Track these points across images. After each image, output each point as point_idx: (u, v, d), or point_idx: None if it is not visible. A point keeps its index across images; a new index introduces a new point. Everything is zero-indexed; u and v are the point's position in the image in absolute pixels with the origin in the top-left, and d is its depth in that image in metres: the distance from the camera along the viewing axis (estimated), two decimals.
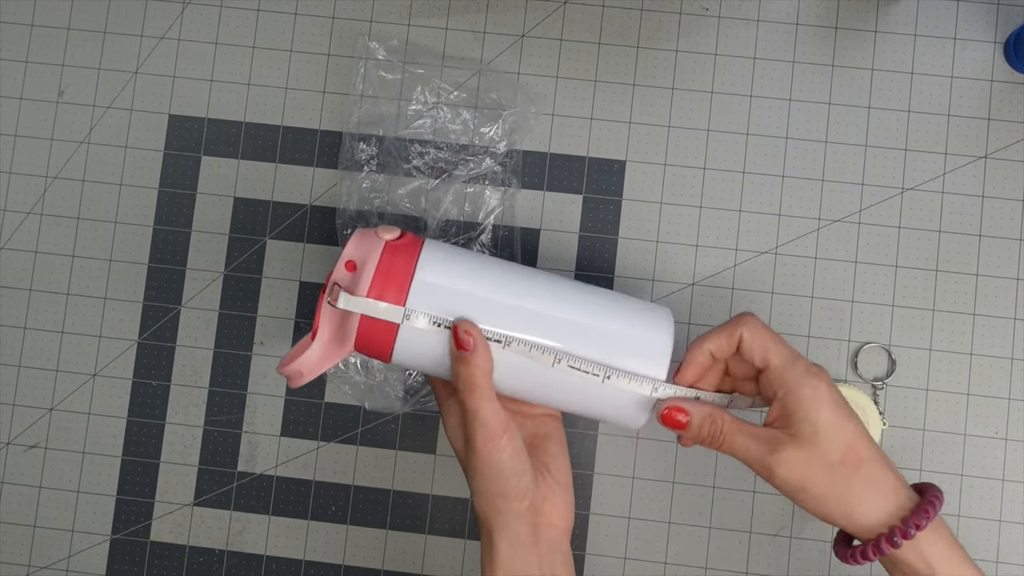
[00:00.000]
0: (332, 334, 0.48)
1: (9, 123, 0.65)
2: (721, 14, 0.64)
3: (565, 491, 0.49)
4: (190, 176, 0.65)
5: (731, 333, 0.47)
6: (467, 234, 0.63)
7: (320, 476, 0.63)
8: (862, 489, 0.45)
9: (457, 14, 0.65)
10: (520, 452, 0.47)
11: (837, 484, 0.45)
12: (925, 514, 0.44)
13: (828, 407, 0.45)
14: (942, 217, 0.62)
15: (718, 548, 0.61)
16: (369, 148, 0.63)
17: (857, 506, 0.45)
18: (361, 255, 0.48)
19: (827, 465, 0.45)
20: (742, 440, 0.46)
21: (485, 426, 0.46)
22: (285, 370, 0.49)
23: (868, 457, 0.45)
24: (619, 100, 0.64)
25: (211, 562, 0.63)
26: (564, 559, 0.48)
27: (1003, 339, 0.61)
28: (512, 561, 0.46)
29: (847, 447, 0.45)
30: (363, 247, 0.48)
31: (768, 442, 0.45)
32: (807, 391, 0.45)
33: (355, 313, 0.47)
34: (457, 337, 0.46)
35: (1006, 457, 0.61)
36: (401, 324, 0.47)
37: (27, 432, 0.64)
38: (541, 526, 0.48)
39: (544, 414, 0.52)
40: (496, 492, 0.47)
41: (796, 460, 0.45)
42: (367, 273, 0.47)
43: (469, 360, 0.46)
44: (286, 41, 0.65)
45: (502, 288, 0.49)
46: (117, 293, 0.64)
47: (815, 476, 0.45)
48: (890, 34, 0.63)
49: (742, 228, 0.63)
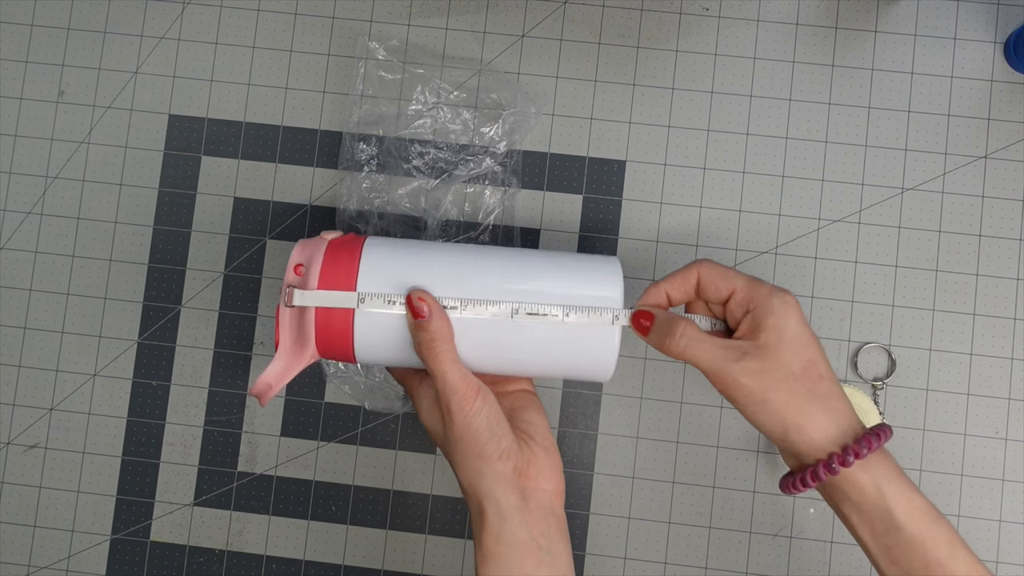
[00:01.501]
0: (293, 340, 0.49)
1: (9, 123, 0.65)
2: (721, 14, 0.64)
3: (550, 453, 0.49)
4: (190, 176, 0.65)
5: (687, 274, 0.49)
6: (467, 234, 0.63)
7: (320, 476, 0.63)
8: (820, 404, 0.45)
9: (457, 14, 0.65)
10: (497, 414, 0.47)
11: (796, 396, 0.45)
12: (877, 437, 0.45)
13: (796, 319, 0.46)
14: (942, 217, 0.62)
15: (718, 548, 0.61)
16: (369, 148, 0.63)
17: (813, 420, 0.45)
18: (307, 257, 0.49)
19: (790, 375, 0.45)
20: (708, 346, 0.46)
21: (456, 391, 0.46)
22: (253, 388, 0.49)
23: (827, 376, 0.46)
24: (619, 100, 0.64)
25: (211, 562, 0.63)
26: (559, 523, 0.47)
27: (1003, 339, 0.61)
28: (500, 528, 0.46)
29: (809, 361, 0.46)
30: (308, 250, 0.49)
31: (735, 349, 0.46)
32: (777, 302, 0.46)
33: (310, 313, 0.47)
34: (412, 306, 0.47)
35: (1006, 457, 0.61)
36: (356, 310, 0.47)
37: (27, 432, 0.64)
38: (529, 490, 0.47)
39: (519, 389, 0.52)
40: (477, 455, 0.46)
41: (760, 369, 0.45)
42: (314, 270, 0.48)
43: (427, 326, 0.46)
44: (286, 41, 0.65)
45: (450, 260, 0.49)
46: (117, 293, 0.64)
47: (777, 385, 0.45)
48: (890, 34, 0.63)
49: (742, 228, 0.63)
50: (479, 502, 0.47)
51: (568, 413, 0.62)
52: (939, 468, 0.61)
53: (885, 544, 0.45)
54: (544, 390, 0.62)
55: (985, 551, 0.60)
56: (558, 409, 0.62)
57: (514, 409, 0.51)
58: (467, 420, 0.46)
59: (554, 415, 0.62)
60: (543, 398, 0.62)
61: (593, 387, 0.62)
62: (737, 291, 0.48)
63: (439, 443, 0.49)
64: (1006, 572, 0.60)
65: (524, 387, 0.53)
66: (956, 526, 0.60)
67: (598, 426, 0.62)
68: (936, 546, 0.44)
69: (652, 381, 0.62)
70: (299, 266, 0.49)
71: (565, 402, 0.62)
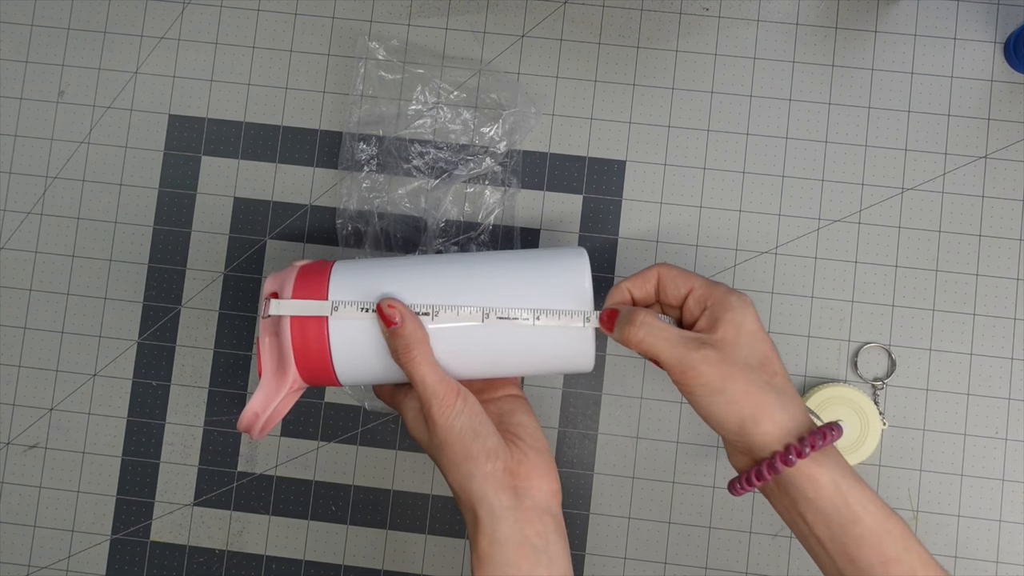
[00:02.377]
0: (275, 367, 0.49)
1: (9, 123, 0.65)
2: (721, 14, 0.64)
3: (541, 454, 0.48)
4: (190, 176, 0.65)
5: (647, 274, 0.50)
6: (467, 234, 0.63)
7: (320, 476, 0.63)
8: (776, 397, 0.46)
9: (457, 14, 0.65)
10: (479, 415, 0.47)
11: (754, 386, 0.45)
12: (832, 430, 0.45)
13: (752, 317, 0.47)
14: (942, 217, 0.62)
15: (718, 548, 0.61)
16: (369, 148, 0.63)
17: (769, 412, 0.45)
18: (279, 284, 0.50)
19: (747, 367, 0.46)
20: (668, 335, 0.46)
21: (436, 394, 0.47)
22: (240, 422, 0.49)
23: (781, 372, 0.47)
24: (619, 100, 0.64)
25: (211, 562, 0.63)
26: (555, 522, 0.47)
27: (1003, 339, 0.61)
28: (494, 527, 0.45)
29: (765, 356, 0.46)
30: (279, 278, 0.50)
31: (694, 340, 0.46)
32: (734, 299, 0.47)
33: (286, 333, 0.48)
34: (383, 314, 0.47)
35: (1006, 457, 0.61)
36: (330, 321, 0.48)
37: (27, 432, 0.64)
38: (522, 489, 0.46)
39: (505, 395, 0.52)
40: (464, 456, 0.46)
41: (718, 358, 0.45)
42: (287, 294, 0.49)
43: (400, 332, 0.47)
44: (286, 41, 0.65)
45: (418, 270, 0.50)
46: (117, 293, 0.64)
47: (735, 375, 0.45)
48: (890, 34, 0.63)
49: (742, 228, 0.63)
50: (471, 504, 0.46)
51: (568, 413, 0.62)
52: (939, 468, 0.61)
53: (841, 541, 0.44)
54: (544, 390, 0.62)
55: (985, 551, 0.60)
56: (558, 409, 0.62)
57: (502, 414, 0.50)
58: (449, 422, 0.46)
59: (554, 415, 0.62)
60: (543, 399, 0.62)
61: (593, 387, 0.62)
62: (695, 289, 0.48)
63: (427, 451, 0.49)
64: (1006, 572, 0.60)
65: (511, 392, 0.52)
66: (956, 526, 0.60)
67: (598, 426, 0.62)
68: (892, 541, 0.44)
69: (652, 381, 0.62)
70: (273, 294, 0.50)
71: (565, 402, 0.62)
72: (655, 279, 0.50)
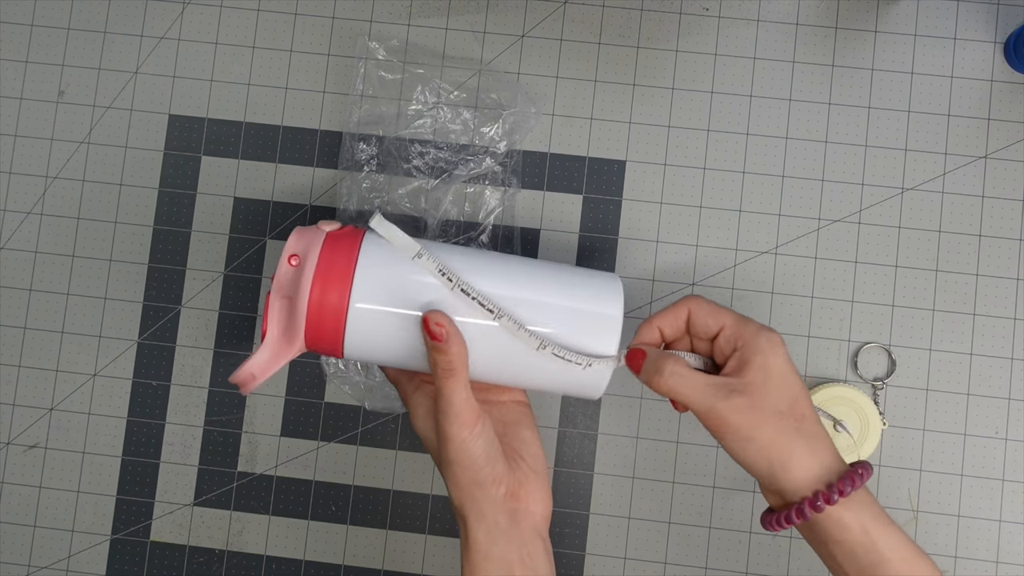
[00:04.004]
0: (281, 331, 0.48)
1: (9, 123, 0.65)
2: (721, 14, 0.64)
3: (540, 478, 0.49)
4: (190, 176, 0.65)
5: (678, 310, 0.49)
6: (467, 234, 0.63)
7: (320, 476, 0.63)
8: (805, 443, 0.46)
9: (457, 14, 0.65)
10: (493, 440, 0.47)
11: (783, 433, 0.46)
12: (859, 475, 0.45)
13: (782, 358, 0.47)
14: (942, 217, 0.62)
15: (718, 548, 0.61)
16: (369, 148, 0.63)
17: (798, 458, 0.45)
18: (303, 247, 0.47)
19: (776, 413, 0.46)
20: (696, 384, 0.46)
21: (459, 415, 0.46)
22: (236, 376, 0.48)
23: (810, 416, 0.47)
24: (619, 100, 0.64)
25: (211, 562, 0.63)
26: (545, 546, 0.48)
27: (1003, 339, 0.61)
28: (489, 547, 0.46)
29: (794, 400, 0.46)
30: (304, 240, 0.48)
31: (723, 387, 0.46)
32: (763, 341, 0.47)
33: (302, 303, 0.46)
34: (429, 330, 0.45)
35: (1006, 457, 0.61)
36: (350, 308, 0.46)
37: (27, 432, 0.64)
38: (519, 512, 0.47)
39: (511, 400, 0.52)
40: (472, 480, 0.46)
41: (747, 406, 0.45)
42: (310, 263, 0.46)
43: (446, 350, 0.45)
44: (286, 41, 0.65)
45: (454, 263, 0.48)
46: (117, 293, 0.64)
47: (764, 423, 0.45)
48: (890, 34, 0.63)
49: (742, 228, 0.63)
50: (467, 521, 0.47)
51: (568, 413, 0.62)
52: (939, 468, 0.61)
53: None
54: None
55: (985, 551, 0.60)
56: (558, 409, 0.62)
57: (507, 423, 0.50)
58: (464, 445, 0.46)
59: (554, 415, 0.62)
60: (543, 398, 0.62)
61: None
62: (726, 328, 0.48)
63: (430, 450, 0.49)
64: (1006, 572, 0.60)
65: (518, 398, 0.52)
66: (956, 526, 0.60)
67: (598, 426, 0.62)
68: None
69: None
70: (294, 256, 0.47)
71: (565, 402, 0.62)
72: (685, 315, 0.49)
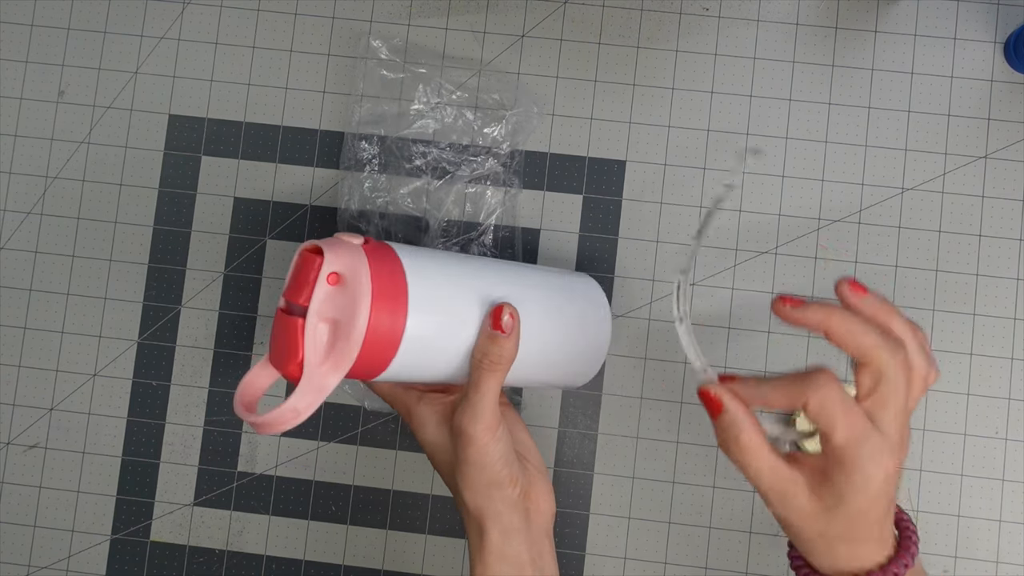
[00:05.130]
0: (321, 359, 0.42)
1: (9, 123, 0.65)
2: (721, 14, 0.64)
3: (544, 477, 0.50)
4: (190, 176, 0.65)
5: (798, 395, 0.41)
6: (467, 234, 0.63)
7: (320, 476, 0.63)
8: (872, 544, 0.42)
9: (457, 14, 0.65)
10: (510, 441, 0.48)
11: (831, 542, 0.41)
12: (903, 562, 0.42)
13: (867, 497, 0.40)
14: (942, 217, 0.62)
15: (718, 548, 0.61)
16: (371, 147, 0.63)
17: (844, 561, 0.42)
18: (346, 266, 0.43)
19: (850, 518, 0.41)
20: (770, 470, 0.41)
21: (485, 416, 0.46)
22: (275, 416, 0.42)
23: (887, 529, 0.42)
24: (619, 100, 0.64)
25: (211, 562, 0.63)
26: (551, 545, 0.49)
27: (1003, 339, 0.61)
28: (504, 547, 0.47)
29: (878, 517, 0.41)
30: (343, 257, 0.43)
31: (802, 485, 0.41)
32: (858, 478, 0.40)
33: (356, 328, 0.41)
34: (498, 320, 0.46)
35: (1006, 457, 0.61)
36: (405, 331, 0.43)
37: (27, 432, 0.64)
38: (531, 512, 0.48)
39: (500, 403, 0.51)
40: (491, 482, 0.47)
41: (806, 514, 0.41)
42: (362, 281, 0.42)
43: (504, 342, 0.45)
44: (286, 41, 0.65)
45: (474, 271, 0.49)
46: (117, 293, 0.64)
47: (815, 531, 0.41)
48: (890, 34, 0.63)
49: (742, 228, 0.63)
50: (482, 521, 0.47)
51: (568, 413, 0.62)
52: (939, 468, 0.61)
53: None
54: (545, 390, 0.62)
55: (985, 551, 0.60)
56: (558, 409, 0.62)
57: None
58: (487, 447, 0.46)
59: (554, 415, 0.62)
60: (543, 398, 0.62)
61: (593, 387, 0.62)
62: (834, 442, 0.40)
63: (439, 461, 0.49)
64: (1006, 572, 0.60)
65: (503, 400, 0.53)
66: (956, 526, 0.60)
67: (598, 426, 0.62)
68: None
69: (652, 381, 0.62)
70: (334, 274, 0.42)
71: (565, 402, 0.62)
72: (803, 402, 0.40)
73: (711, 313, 0.62)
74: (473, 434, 0.46)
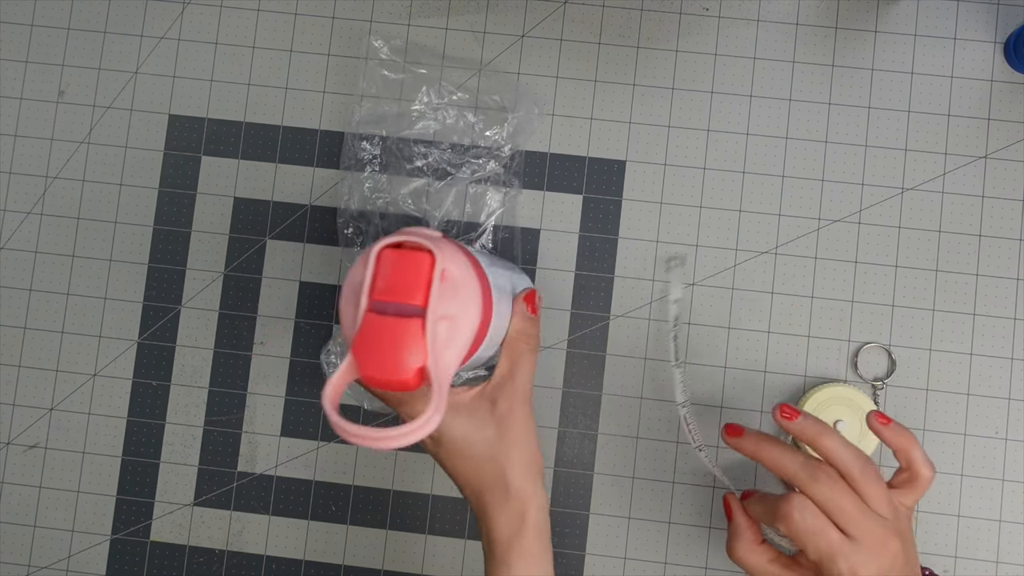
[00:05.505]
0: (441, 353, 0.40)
1: (9, 123, 0.65)
2: (721, 14, 0.64)
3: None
4: (190, 176, 0.65)
5: (772, 518, 0.48)
6: (467, 235, 0.63)
7: (320, 476, 0.63)
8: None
9: (457, 14, 0.65)
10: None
11: None
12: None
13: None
14: (942, 217, 0.62)
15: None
16: (372, 147, 0.63)
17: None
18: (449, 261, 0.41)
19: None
20: (758, 559, 0.49)
21: (527, 389, 0.48)
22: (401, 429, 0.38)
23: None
24: (619, 100, 0.64)
25: (211, 562, 0.63)
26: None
27: (1003, 339, 0.61)
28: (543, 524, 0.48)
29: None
30: (445, 252, 0.41)
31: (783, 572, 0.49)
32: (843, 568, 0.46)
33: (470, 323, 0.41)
34: (533, 304, 0.51)
35: (1006, 457, 0.61)
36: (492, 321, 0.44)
37: (27, 432, 0.64)
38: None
39: None
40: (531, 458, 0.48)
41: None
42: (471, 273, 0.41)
43: (537, 323, 0.50)
44: (286, 41, 0.65)
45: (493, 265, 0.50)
46: (117, 293, 0.64)
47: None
48: (890, 34, 0.63)
49: (742, 228, 0.63)
50: (525, 502, 0.47)
51: (568, 413, 0.62)
52: (939, 468, 0.61)
53: None
54: (544, 390, 0.62)
55: (985, 551, 0.60)
56: (558, 409, 0.62)
57: None
58: (528, 419, 0.48)
59: (554, 415, 0.62)
60: (543, 399, 0.62)
61: (593, 387, 0.62)
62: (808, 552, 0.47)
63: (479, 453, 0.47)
64: (1006, 572, 0.60)
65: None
66: (956, 526, 0.60)
67: (598, 426, 0.62)
68: None
69: (652, 381, 0.62)
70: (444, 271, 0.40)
71: (565, 402, 0.62)
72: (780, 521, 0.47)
73: (711, 314, 0.62)
74: (520, 413, 0.48)
